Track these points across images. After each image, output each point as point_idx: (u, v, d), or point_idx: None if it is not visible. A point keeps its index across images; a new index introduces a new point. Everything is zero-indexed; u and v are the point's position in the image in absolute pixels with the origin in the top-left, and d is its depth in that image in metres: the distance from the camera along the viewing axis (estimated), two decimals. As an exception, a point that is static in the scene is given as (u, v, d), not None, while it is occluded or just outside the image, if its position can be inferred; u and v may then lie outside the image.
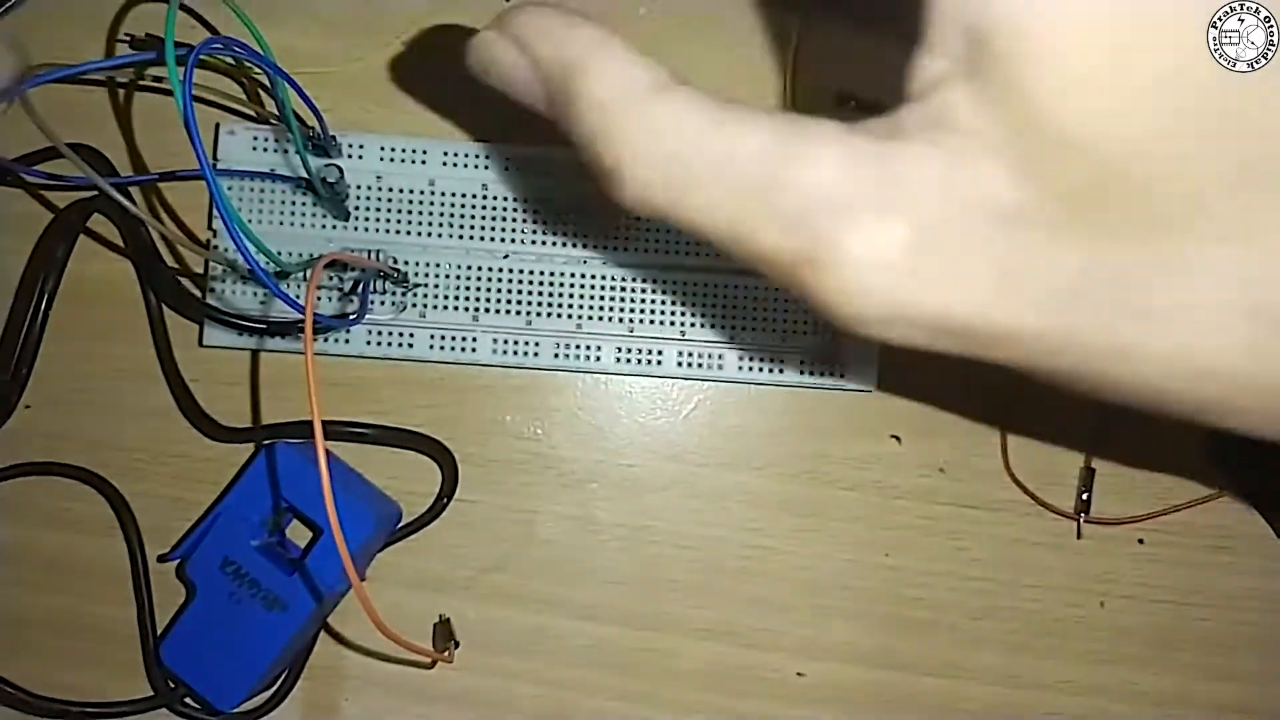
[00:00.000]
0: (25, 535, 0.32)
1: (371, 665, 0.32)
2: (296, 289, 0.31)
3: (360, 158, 0.31)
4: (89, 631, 0.32)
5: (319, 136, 0.29)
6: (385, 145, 0.31)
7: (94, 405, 0.32)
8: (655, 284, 0.31)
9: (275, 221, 0.30)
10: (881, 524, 0.32)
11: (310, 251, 0.30)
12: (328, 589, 0.29)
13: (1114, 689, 0.33)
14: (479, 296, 0.31)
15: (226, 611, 0.29)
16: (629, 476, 0.32)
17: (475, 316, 0.31)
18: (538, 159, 0.31)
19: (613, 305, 0.31)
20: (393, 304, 0.31)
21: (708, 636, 0.32)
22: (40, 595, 0.32)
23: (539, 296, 0.31)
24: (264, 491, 0.29)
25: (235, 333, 0.30)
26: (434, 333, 0.31)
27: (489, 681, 0.32)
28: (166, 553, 0.31)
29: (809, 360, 0.31)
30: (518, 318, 0.31)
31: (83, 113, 0.31)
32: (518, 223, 0.31)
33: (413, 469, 0.32)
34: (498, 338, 0.31)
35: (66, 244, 0.31)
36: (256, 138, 0.30)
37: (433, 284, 0.31)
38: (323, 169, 0.29)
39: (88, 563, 0.32)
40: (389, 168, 0.31)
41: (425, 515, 0.32)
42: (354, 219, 0.31)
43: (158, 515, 0.32)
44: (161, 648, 0.30)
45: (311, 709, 0.32)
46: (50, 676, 0.31)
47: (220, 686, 0.29)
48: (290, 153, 0.30)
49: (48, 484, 0.32)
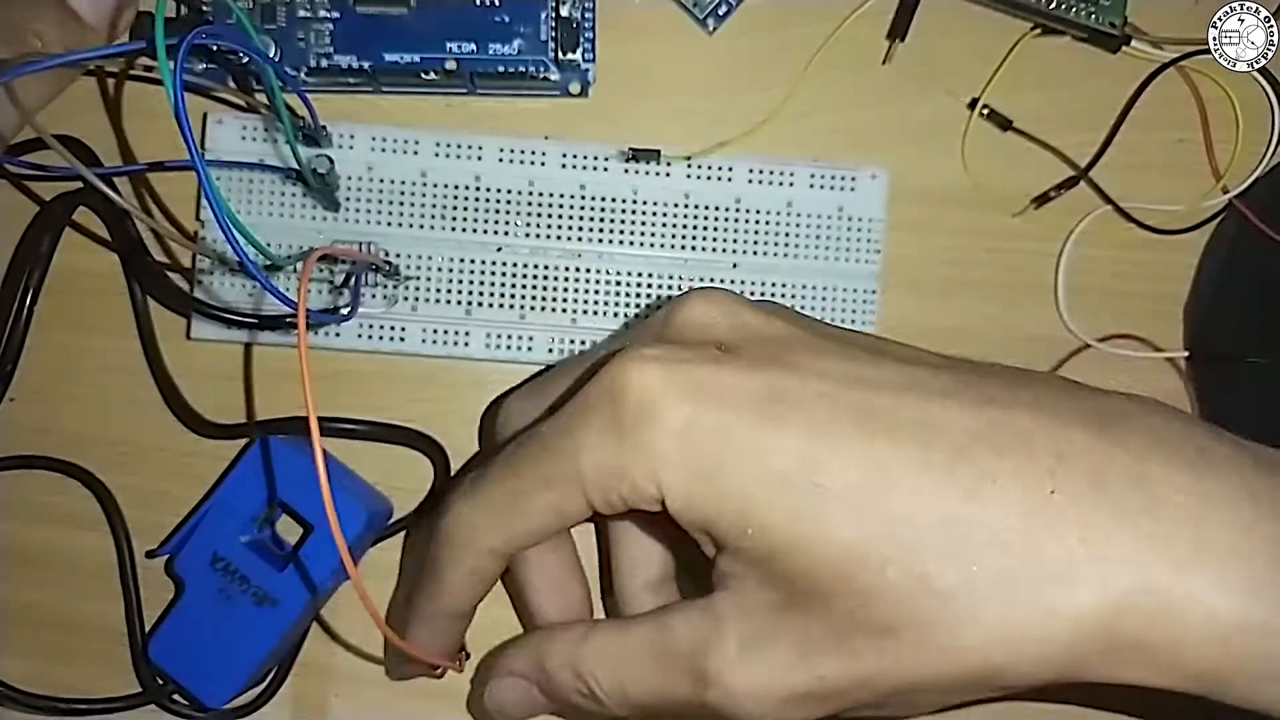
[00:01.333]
0: (11, 529, 0.31)
1: (361, 662, 0.32)
2: (286, 282, 0.30)
3: (351, 148, 0.30)
4: (77, 625, 0.31)
5: (309, 126, 0.28)
6: (376, 135, 0.30)
7: (79, 399, 0.31)
8: (650, 278, 0.31)
9: (265, 213, 0.30)
10: None
11: (300, 243, 0.30)
12: (319, 585, 0.29)
13: (1109, 686, 0.32)
14: (472, 290, 0.30)
15: (216, 608, 0.29)
16: None
17: (468, 310, 0.30)
18: (531, 150, 0.30)
19: (607, 299, 0.31)
20: (384, 297, 0.30)
21: None
22: (27, 589, 0.31)
23: (533, 290, 0.30)
24: (254, 487, 0.29)
25: (224, 326, 0.30)
26: (426, 326, 0.30)
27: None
28: (155, 548, 0.30)
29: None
30: (511, 311, 0.30)
31: (69, 101, 0.30)
32: (511, 215, 0.30)
33: (404, 464, 0.31)
34: (491, 332, 0.30)
35: (52, 237, 0.30)
36: (245, 127, 0.30)
37: (425, 277, 0.30)
38: (313, 159, 0.29)
39: (75, 556, 0.31)
40: (380, 158, 0.30)
41: (420, 508, 0.31)
42: (345, 210, 0.30)
43: (145, 510, 0.31)
44: (150, 644, 0.29)
45: (300, 705, 0.31)
46: (39, 670, 0.31)
47: (209, 683, 0.29)
48: (280, 143, 0.30)
49: (33, 477, 0.31)
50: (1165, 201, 0.32)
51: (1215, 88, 0.32)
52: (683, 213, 0.31)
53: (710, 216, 0.31)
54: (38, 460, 0.31)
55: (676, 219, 0.31)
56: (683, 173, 0.31)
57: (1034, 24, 0.31)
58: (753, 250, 0.31)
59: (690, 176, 0.31)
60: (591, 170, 0.30)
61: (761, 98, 0.31)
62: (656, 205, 0.31)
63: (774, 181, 0.31)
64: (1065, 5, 0.30)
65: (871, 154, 0.31)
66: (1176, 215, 0.32)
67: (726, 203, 0.31)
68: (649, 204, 0.31)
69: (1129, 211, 0.32)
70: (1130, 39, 0.31)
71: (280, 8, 0.30)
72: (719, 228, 0.31)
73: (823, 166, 0.31)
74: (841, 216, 0.31)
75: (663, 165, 0.30)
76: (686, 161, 0.30)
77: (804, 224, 0.31)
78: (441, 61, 0.30)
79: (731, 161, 0.31)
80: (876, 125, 0.32)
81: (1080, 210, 0.32)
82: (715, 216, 0.31)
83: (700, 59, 0.32)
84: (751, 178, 0.31)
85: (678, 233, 0.31)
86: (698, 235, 0.31)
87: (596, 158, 0.30)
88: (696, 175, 0.31)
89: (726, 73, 0.32)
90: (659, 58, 0.32)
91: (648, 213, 0.31)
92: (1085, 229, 0.32)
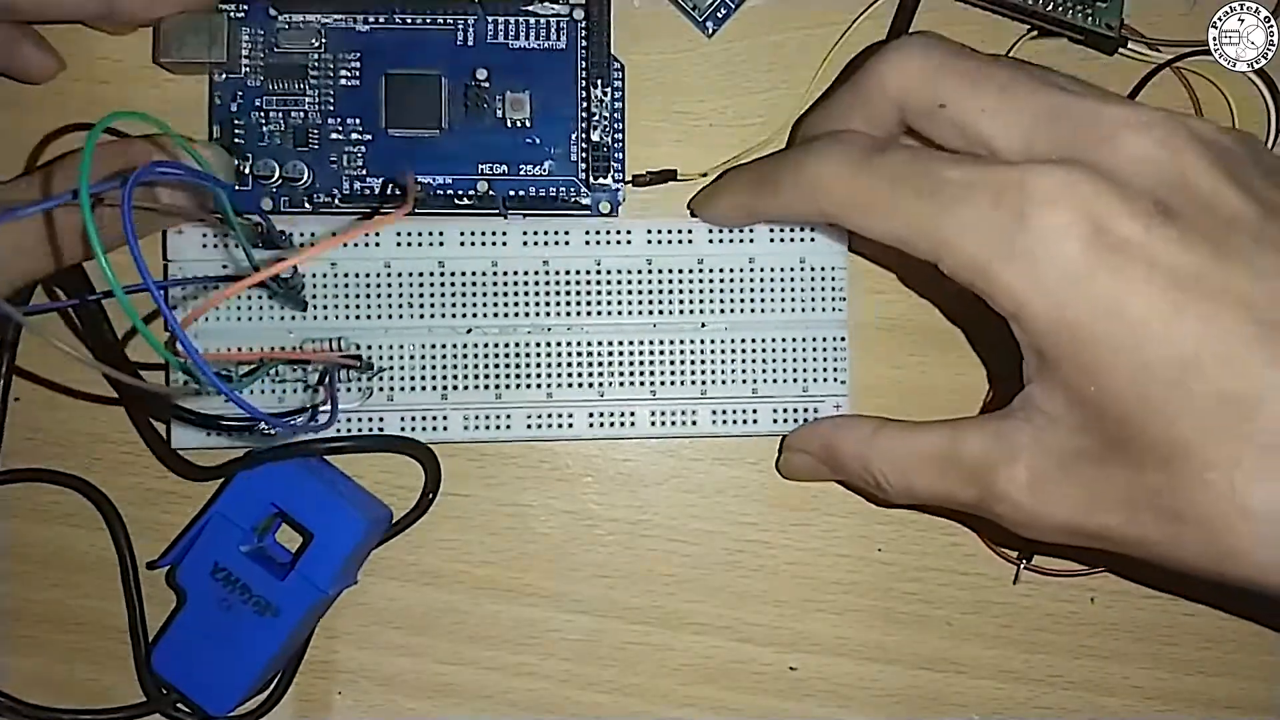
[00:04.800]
0: (11, 527, 0.32)
1: (364, 659, 0.32)
2: (262, 383, 0.30)
3: (312, 245, 0.30)
4: (82, 625, 0.32)
5: (268, 232, 0.28)
6: (337, 230, 0.30)
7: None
8: (619, 345, 0.31)
9: (233, 317, 0.30)
10: (874, 519, 0.33)
11: (270, 345, 0.30)
12: (320, 593, 0.29)
13: (1105, 683, 0.33)
14: (446, 374, 0.31)
15: (218, 618, 0.29)
16: (624, 470, 0.32)
17: (444, 395, 0.31)
18: (492, 230, 0.31)
19: (581, 371, 0.31)
20: (359, 390, 0.30)
21: (701, 630, 0.33)
22: (32, 589, 0.32)
23: (506, 369, 0.31)
24: (253, 497, 0.29)
25: (204, 433, 0.30)
26: (404, 415, 0.31)
27: (482, 675, 0.32)
28: (156, 560, 0.31)
29: (782, 410, 0.31)
30: (486, 392, 0.31)
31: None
32: (478, 296, 0.31)
33: (400, 468, 0.32)
34: (468, 414, 0.31)
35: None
36: (205, 235, 0.30)
37: (398, 366, 0.30)
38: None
39: (79, 556, 0.32)
40: (343, 253, 0.30)
41: (412, 513, 0.32)
42: (312, 308, 0.30)
43: (145, 508, 0.32)
44: (153, 655, 0.30)
45: (304, 703, 0.32)
46: (40, 670, 0.32)
47: (213, 692, 0.29)
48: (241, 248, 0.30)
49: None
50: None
51: (1211, 89, 0.32)
52: (646, 278, 0.31)
53: (674, 280, 0.31)
54: (43, 474, 0.31)
55: (641, 285, 0.31)
56: (643, 239, 0.31)
57: (1031, 26, 0.32)
58: (718, 309, 0.31)
59: (651, 242, 0.31)
60: (553, 245, 0.31)
61: (761, 99, 0.32)
62: (619, 274, 0.31)
63: (734, 239, 0.31)
64: (1062, 7, 0.30)
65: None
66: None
67: (689, 265, 0.31)
68: (612, 273, 0.31)
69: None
70: (1127, 40, 0.31)
71: (313, 130, 0.31)
72: (683, 290, 0.31)
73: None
74: (804, 268, 0.31)
75: (623, 234, 0.31)
76: (646, 231, 0.31)
77: (767, 279, 0.31)
78: (474, 183, 0.31)
79: (691, 224, 0.31)
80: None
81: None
82: (679, 279, 0.31)
83: (699, 61, 0.32)
84: (711, 238, 0.31)
85: (643, 298, 0.31)
86: (663, 299, 0.31)
87: (558, 232, 0.31)
88: (657, 240, 0.31)
89: (726, 75, 0.32)
90: (657, 60, 0.32)
91: (612, 281, 0.31)
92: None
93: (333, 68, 0.31)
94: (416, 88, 0.31)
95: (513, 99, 0.31)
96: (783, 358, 0.31)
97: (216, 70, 0.31)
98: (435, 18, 0.31)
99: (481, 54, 0.31)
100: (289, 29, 0.31)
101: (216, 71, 0.31)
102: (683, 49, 0.32)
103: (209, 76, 0.31)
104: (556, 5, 0.31)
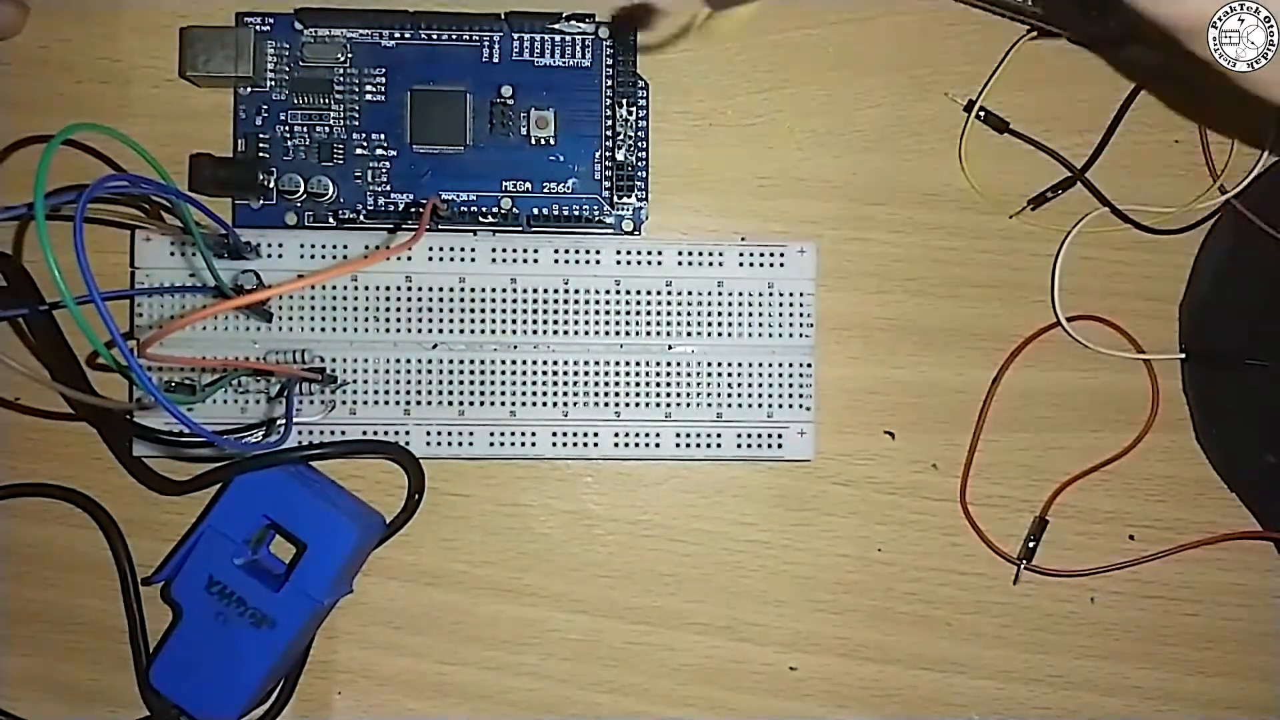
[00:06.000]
0: (11, 527, 0.32)
1: (364, 659, 0.32)
2: (224, 393, 0.30)
3: (280, 256, 0.30)
4: (82, 625, 0.32)
5: (233, 242, 0.28)
6: (305, 242, 0.30)
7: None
8: (586, 365, 0.31)
9: (198, 327, 0.30)
10: (874, 519, 0.32)
11: (235, 355, 0.30)
12: (315, 603, 0.29)
13: (1104, 683, 0.33)
14: (409, 389, 0.30)
15: (215, 631, 0.29)
16: (624, 470, 0.32)
17: (406, 410, 0.30)
18: (461, 246, 0.30)
19: (545, 391, 0.31)
20: (322, 403, 0.30)
21: (701, 630, 0.32)
22: (32, 589, 0.32)
23: (470, 386, 0.30)
24: (245, 509, 0.29)
25: (164, 447, 0.30)
26: (366, 429, 0.30)
27: (482, 674, 0.32)
28: (150, 575, 0.31)
29: (745, 435, 0.31)
30: (450, 409, 0.30)
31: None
32: (444, 312, 0.30)
33: (378, 473, 0.32)
34: (431, 430, 0.30)
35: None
36: (173, 243, 0.30)
37: (361, 380, 0.30)
38: (240, 275, 0.29)
39: (78, 556, 0.32)
40: (310, 265, 0.30)
41: (400, 516, 0.31)
42: (277, 319, 0.30)
43: (142, 509, 0.32)
44: (152, 671, 0.29)
45: (304, 703, 0.32)
46: (41, 669, 0.32)
47: (213, 706, 0.29)
48: (208, 257, 0.30)
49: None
50: (1161, 202, 0.32)
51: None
52: (614, 299, 0.31)
53: (642, 301, 0.31)
54: (47, 489, 0.31)
55: (609, 305, 0.31)
56: (612, 259, 0.31)
57: (1030, 26, 0.31)
58: (686, 331, 0.31)
59: (620, 262, 0.31)
60: (522, 263, 0.31)
61: (759, 99, 0.32)
62: (588, 293, 0.31)
63: (703, 262, 0.31)
64: (1061, 7, 0.30)
65: (870, 155, 0.32)
66: (1173, 216, 0.32)
67: (657, 286, 0.31)
68: (580, 292, 0.31)
69: (1125, 212, 0.32)
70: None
71: (338, 145, 0.31)
72: (651, 311, 0.31)
73: (751, 244, 0.31)
74: (772, 292, 0.31)
75: (593, 253, 0.31)
76: (615, 252, 0.31)
77: (735, 302, 0.31)
78: (497, 200, 0.31)
79: (660, 245, 0.31)
80: (877, 126, 0.32)
81: (1077, 211, 0.32)
82: (647, 300, 0.31)
83: (698, 61, 0.32)
84: (681, 259, 0.31)
85: (611, 319, 0.31)
86: (631, 320, 0.31)
87: (526, 250, 0.31)
88: (626, 260, 0.31)
89: (724, 76, 0.32)
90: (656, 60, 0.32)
91: (580, 301, 0.31)
92: (1082, 230, 0.32)
93: (358, 83, 0.31)
94: (442, 104, 0.31)
95: (537, 116, 0.31)
96: (748, 382, 0.31)
97: (242, 84, 0.31)
98: (461, 34, 0.31)
99: (507, 71, 0.31)
100: (315, 43, 0.31)
101: (242, 85, 0.31)
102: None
103: (234, 90, 0.31)
104: (583, 24, 0.31)
